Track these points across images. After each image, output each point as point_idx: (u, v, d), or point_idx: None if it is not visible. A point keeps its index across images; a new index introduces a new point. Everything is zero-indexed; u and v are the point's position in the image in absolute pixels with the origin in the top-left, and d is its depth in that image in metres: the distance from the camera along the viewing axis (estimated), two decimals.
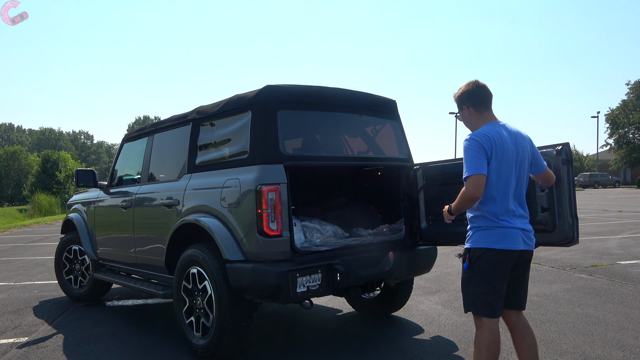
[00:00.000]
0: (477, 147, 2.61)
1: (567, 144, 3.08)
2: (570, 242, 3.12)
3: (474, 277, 2.69)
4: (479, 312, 2.70)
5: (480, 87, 2.80)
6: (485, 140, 2.61)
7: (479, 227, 2.69)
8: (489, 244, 2.64)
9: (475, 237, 2.70)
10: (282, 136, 3.50)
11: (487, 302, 2.67)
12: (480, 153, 2.59)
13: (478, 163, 2.58)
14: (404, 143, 4.31)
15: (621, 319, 4.48)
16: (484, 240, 2.65)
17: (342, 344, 4.04)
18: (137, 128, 5.22)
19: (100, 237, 5.32)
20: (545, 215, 3.08)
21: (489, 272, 2.65)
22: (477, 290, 2.68)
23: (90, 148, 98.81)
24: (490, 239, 2.64)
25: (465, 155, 2.62)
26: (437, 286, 5.99)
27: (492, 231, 2.64)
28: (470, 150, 2.61)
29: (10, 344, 4.24)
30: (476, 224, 2.70)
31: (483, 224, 2.67)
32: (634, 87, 48.73)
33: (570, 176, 3.03)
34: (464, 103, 2.82)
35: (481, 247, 2.66)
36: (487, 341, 2.67)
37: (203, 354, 3.63)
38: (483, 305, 2.68)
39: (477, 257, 2.67)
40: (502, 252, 2.63)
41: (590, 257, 7.65)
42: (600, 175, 46.97)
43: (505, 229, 2.64)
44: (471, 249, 2.70)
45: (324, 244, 3.68)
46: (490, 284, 2.65)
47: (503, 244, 2.63)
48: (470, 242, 2.72)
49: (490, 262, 2.64)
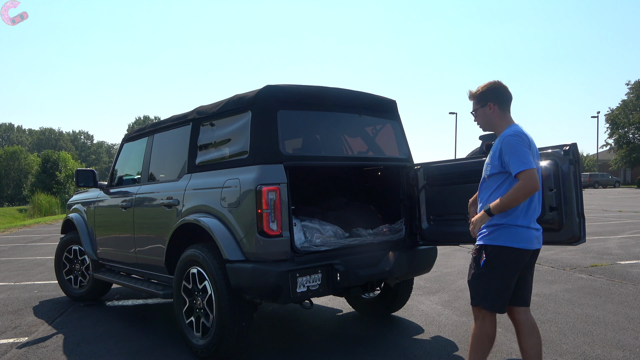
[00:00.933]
0: (525, 144, 2.64)
1: (575, 144, 3.10)
2: (577, 241, 3.14)
3: (489, 273, 2.72)
4: (489, 307, 2.76)
5: (506, 88, 2.85)
6: (527, 139, 2.67)
7: (501, 225, 2.69)
8: (510, 242, 2.67)
9: (495, 234, 2.70)
10: (282, 136, 3.50)
11: (499, 298, 2.74)
12: (527, 149, 2.63)
13: (530, 157, 2.60)
14: (404, 143, 4.31)
15: (621, 319, 4.48)
16: (505, 239, 2.68)
17: (342, 344, 4.04)
18: (137, 128, 5.22)
19: (100, 237, 5.32)
20: (553, 214, 3.10)
21: (506, 269, 2.70)
22: (491, 286, 2.73)
23: (90, 148, 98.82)
24: (512, 238, 2.67)
25: (515, 150, 2.62)
26: (437, 286, 5.99)
27: (515, 229, 2.67)
28: (519, 146, 2.62)
29: (10, 344, 4.24)
30: (498, 222, 2.70)
31: (507, 221, 2.68)
32: (634, 87, 48.73)
33: (577, 176, 3.05)
34: (491, 99, 2.83)
35: (500, 245, 2.68)
36: (489, 333, 2.79)
37: (203, 354, 3.63)
38: (495, 301, 2.74)
39: (495, 254, 2.69)
40: (520, 251, 2.68)
41: (590, 257, 7.65)
42: (600, 175, 47.00)
43: (526, 229, 2.69)
44: (489, 245, 2.72)
45: (324, 244, 3.67)
46: (504, 281, 2.72)
47: (523, 244, 2.68)
48: (488, 239, 2.73)
49: (509, 260, 2.69)
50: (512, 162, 2.61)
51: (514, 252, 2.68)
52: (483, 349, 2.80)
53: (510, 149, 2.63)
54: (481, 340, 2.79)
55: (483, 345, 2.79)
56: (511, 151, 2.63)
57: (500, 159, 2.70)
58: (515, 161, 2.60)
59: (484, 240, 2.75)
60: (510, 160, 2.62)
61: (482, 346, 2.80)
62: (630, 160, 48.02)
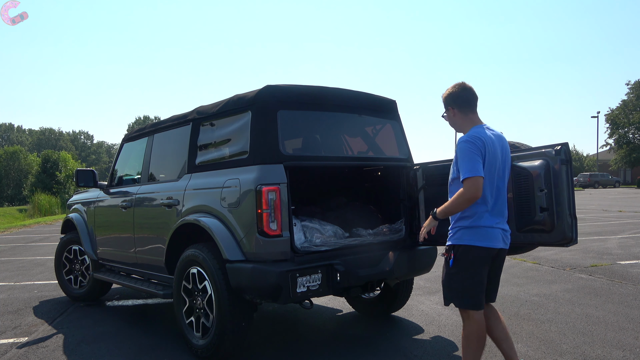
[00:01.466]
0: (475, 149, 2.72)
1: (566, 144, 3.09)
2: (568, 243, 3.12)
3: (460, 273, 2.84)
4: (466, 306, 2.86)
5: (466, 90, 2.92)
6: (480, 143, 2.74)
7: (465, 226, 2.82)
8: (474, 241, 2.79)
9: (459, 234, 2.84)
10: (282, 136, 3.50)
11: (473, 295, 2.83)
12: (477, 155, 2.71)
13: (477, 165, 2.69)
14: (404, 143, 4.31)
15: (621, 319, 4.48)
16: (469, 238, 2.80)
17: (342, 344, 4.04)
18: (137, 128, 5.22)
19: (100, 237, 5.32)
20: (544, 215, 3.08)
21: (474, 267, 2.82)
22: (463, 285, 2.84)
23: (90, 148, 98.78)
24: (475, 237, 2.79)
25: (463, 156, 2.72)
26: (437, 286, 5.99)
27: (478, 230, 2.79)
28: (468, 151, 2.72)
29: (10, 344, 4.24)
30: (462, 224, 2.83)
31: (470, 223, 2.81)
32: (634, 87, 48.70)
33: (569, 176, 3.04)
34: (450, 104, 2.95)
35: (466, 244, 2.81)
36: (477, 332, 2.86)
37: (203, 354, 3.63)
38: (470, 299, 2.84)
39: (461, 253, 2.82)
40: (485, 249, 2.81)
41: (590, 257, 7.65)
42: (600, 175, 46.98)
43: (489, 228, 2.80)
44: (456, 245, 2.85)
45: (324, 244, 3.67)
46: (474, 278, 2.83)
47: (487, 242, 2.80)
48: (454, 240, 2.86)
49: (475, 258, 2.81)
50: (461, 168, 2.72)
51: (481, 251, 2.79)
52: (474, 349, 2.87)
53: (461, 155, 2.74)
54: (470, 340, 2.87)
55: (472, 344, 2.87)
56: (461, 157, 2.73)
57: (456, 164, 2.83)
58: (463, 167, 2.71)
59: (452, 241, 2.88)
60: (460, 166, 2.73)
61: (472, 346, 2.87)
62: (630, 160, 48.01)
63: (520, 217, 3.31)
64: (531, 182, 3.14)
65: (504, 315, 4.67)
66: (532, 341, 3.96)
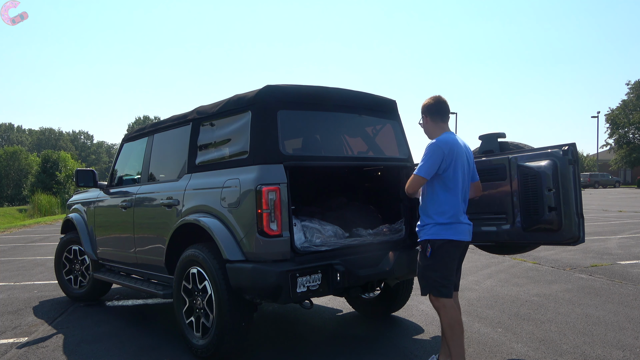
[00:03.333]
0: (439, 153, 3.06)
1: (574, 145, 3.11)
2: (576, 241, 3.14)
3: (435, 264, 3.11)
4: (440, 294, 3.11)
5: (441, 102, 3.27)
6: (447, 149, 3.07)
7: (439, 222, 3.11)
8: (449, 235, 3.10)
9: (435, 230, 3.12)
10: (282, 136, 3.49)
11: (445, 285, 3.11)
12: (437, 160, 3.06)
13: (431, 169, 3.07)
14: (404, 143, 4.31)
15: (621, 319, 4.48)
16: (445, 233, 3.10)
17: (342, 344, 4.04)
18: (137, 128, 5.22)
19: (100, 237, 5.32)
20: (552, 214, 3.09)
21: (447, 259, 3.12)
22: (437, 275, 3.11)
23: (90, 148, 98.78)
24: (450, 232, 3.10)
25: (425, 156, 3.09)
26: None
27: (451, 225, 3.10)
28: (432, 154, 3.07)
29: (10, 344, 4.24)
30: (437, 220, 3.11)
31: (443, 219, 3.10)
32: (634, 87, 48.71)
33: (576, 176, 3.05)
34: (424, 113, 3.31)
35: (442, 239, 3.10)
36: (455, 316, 3.13)
37: (203, 354, 3.63)
38: (443, 288, 3.11)
39: (438, 246, 3.10)
40: (458, 243, 3.13)
41: (590, 257, 7.65)
42: (600, 175, 46.99)
43: (460, 224, 3.13)
44: (431, 239, 3.12)
45: (324, 244, 3.67)
46: (447, 270, 3.12)
47: (459, 236, 3.12)
48: (431, 235, 3.13)
49: (449, 251, 3.11)
50: (420, 165, 3.11)
51: (454, 244, 3.11)
52: (458, 333, 3.11)
53: (426, 154, 3.10)
54: (451, 326, 3.11)
55: (457, 330, 3.11)
56: (425, 156, 3.11)
57: None
58: (421, 165, 3.10)
59: (427, 236, 3.15)
60: (420, 162, 3.11)
61: (457, 331, 3.11)
62: (630, 160, 48.01)
63: (527, 216, 3.32)
64: (539, 181, 3.16)
65: (504, 315, 4.67)
66: (532, 341, 3.96)
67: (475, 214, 3.64)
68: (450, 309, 3.10)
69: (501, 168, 3.50)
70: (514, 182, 3.41)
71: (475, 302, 5.19)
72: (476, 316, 4.67)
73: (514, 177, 3.41)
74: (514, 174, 3.41)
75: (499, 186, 3.52)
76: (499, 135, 3.81)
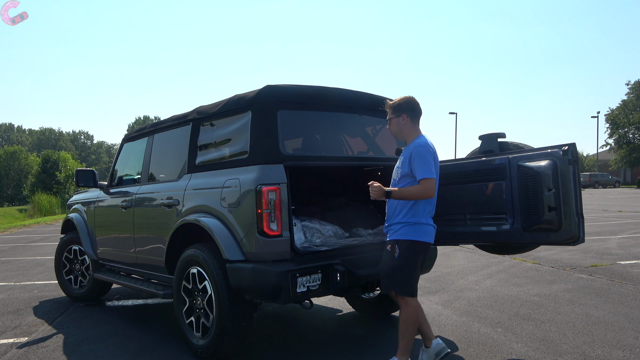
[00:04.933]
0: (430, 154, 3.15)
1: (574, 145, 3.11)
2: (576, 241, 3.14)
3: (402, 264, 3.18)
4: (407, 293, 3.20)
5: (418, 103, 3.35)
6: (432, 150, 3.20)
7: (409, 223, 3.18)
8: (417, 236, 3.18)
9: (404, 231, 3.19)
10: (282, 136, 3.50)
11: (412, 284, 3.22)
12: (431, 159, 3.15)
13: (432, 168, 3.13)
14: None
15: (621, 319, 4.48)
16: (413, 234, 3.18)
17: (342, 344, 4.04)
18: (137, 128, 5.22)
19: (100, 237, 5.32)
20: (552, 214, 3.10)
21: (415, 259, 3.20)
22: (405, 275, 3.20)
23: (90, 148, 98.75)
24: (418, 233, 3.18)
25: (422, 159, 3.13)
26: (437, 286, 5.99)
27: (420, 227, 3.19)
28: (427, 155, 3.14)
29: (10, 344, 4.24)
30: (407, 220, 3.19)
31: (413, 219, 3.18)
32: (634, 87, 48.69)
33: (575, 176, 3.05)
34: (405, 111, 3.32)
35: (410, 239, 3.17)
36: (414, 315, 3.22)
37: (203, 354, 3.63)
38: (410, 288, 3.20)
39: (405, 247, 3.17)
40: (425, 244, 3.22)
41: (590, 257, 7.65)
42: (600, 175, 46.98)
43: (427, 226, 3.23)
44: (400, 240, 3.19)
45: (324, 244, 3.67)
46: (414, 270, 3.22)
47: (426, 238, 3.22)
48: (400, 235, 3.20)
49: (417, 252, 3.20)
50: (419, 168, 3.11)
51: (422, 245, 3.20)
52: (411, 330, 3.23)
53: (419, 157, 3.13)
54: (408, 323, 3.21)
55: (410, 327, 3.22)
56: (419, 159, 3.12)
57: (410, 164, 3.17)
58: (421, 168, 3.11)
59: (397, 236, 3.21)
60: (418, 166, 3.12)
61: (410, 328, 3.22)
62: (630, 160, 47.99)
63: (527, 217, 3.32)
64: (539, 181, 3.16)
65: (504, 315, 4.67)
66: (532, 341, 3.96)
67: (475, 214, 3.64)
68: (412, 308, 3.20)
69: (501, 168, 3.50)
70: (514, 182, 3.40)
71: (475, 302, 5.19)
72: (476, 316, 4.67)
73: (513, 177, 3.41)
74: (514, 174, 3.41)
75: (499, 186, 3.52)
76: (499, 135, 3.81)
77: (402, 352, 3.23)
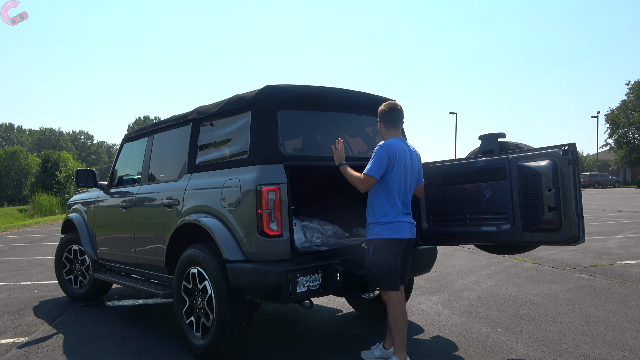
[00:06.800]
0: (385, 154, 3.30)
1: (574, 145, 3.11)
2: (576, 241, 3.14)
3: (378, 262, 3.32)
4: (387, 288, 3.34)
5: (394, 110, 3.52)
6: (390, 151, 3.33)
7: (380, 222, 3.35)
8: (389, 234, 3.33)
9: (377, 229, 3.36)
10: (282, 136, 3.50)
11: (390, 280, 3.33)
12: (384, 160, 3.30)
13: (380, 168, 3.29)
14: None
15: (621, 319, 4.48)
16: (385, 232, 3.33)
17: (342, 344, 4.04)
18: (137, 128, 5.22)
19: (101, 237, 5.32)
20: (551, 214, 3.09)
21: (389, 256, 3.33)
22: (382, 271, 3.32)
23: (90, 148, 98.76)
24: (390, 231, 3.33)
25: (374, 157, 3.32)
26: (437, 286, 5.99)
27: (390, 225, 3.34)
28: (380, 154, 3.31)
29: (10, 344, 4.24)
30: (378, 220, 3.35)
31: (384, 219, 3.34)
32: (634, 87, 48.67)
33: (575, 176, 3.05)
34: (379, 118, 3.58)
35: (382, 238, 3.32)
36: (399, 309, 3.36)
37: (203, 354, 3.63)
38: (389, 283, 3.33)
39: (379, 245, 3.33)
40: (397, 240, 3.35)
41: (590, 257, 7.65)
42: (600, 175, 46.98)
43: (399, 223, 3.36)
44: (374, 239, 3.36)
45: (324, 244, 3.67)
46: (390, 266, 3.33)
47: (399, 234, 3.35)
48: (373, 235, 3.37)
49: (389, 249, 3.33)
50: (369, 164, 3.33)
51: (394, 242, 3.33)
52: (401, 324, 3.35)
53: (374, 155, 3.34)
54: (397, 318, 3.34)
55: (399, 321, 3.34)
56: (373, 157, 3.34)
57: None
58: (370, 164, 3.32)
59: (371, 236, 3.39)
60: (370, 162, 3.34)
61: (399, 322, 3.34)
62: (630, 160, 47.98)
63: (527, 216, 3.31)
64: (539, 181, 3.15)
65: (504, 315, 4.67)
66: (532, 341, 3.96)
67: (475, 214, 3.64)
68: (396, 302, 3.34)
69: (501, 168, 3.50)
70: (514, 182, 3.40)
71: (475, 302, 5.19)
72: (476, 316, 4.67)
73: (513, 177, 3.41)
74: (514, 174, 3.41)
75: (499, 186, 3.52)
76: (499, 135, 3.81)
77: (399, 349, 3.33)
